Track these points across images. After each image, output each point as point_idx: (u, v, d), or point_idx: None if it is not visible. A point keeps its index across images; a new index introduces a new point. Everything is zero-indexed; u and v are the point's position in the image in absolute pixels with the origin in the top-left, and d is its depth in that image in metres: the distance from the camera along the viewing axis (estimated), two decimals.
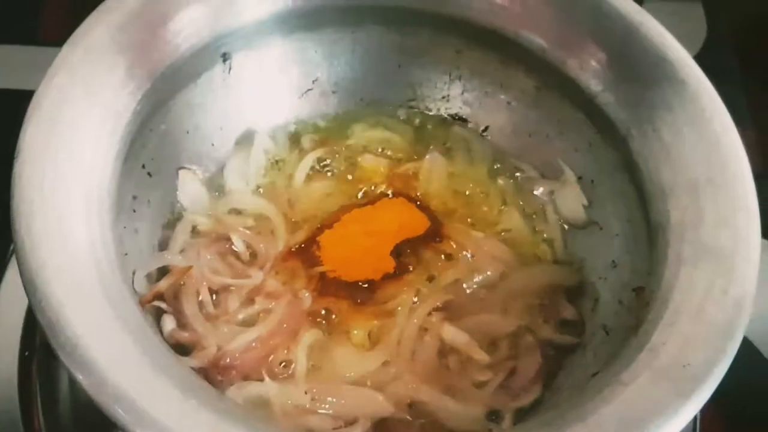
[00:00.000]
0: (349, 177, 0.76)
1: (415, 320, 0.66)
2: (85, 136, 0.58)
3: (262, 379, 0.62)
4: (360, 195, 0.75)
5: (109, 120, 0.60)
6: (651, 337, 0.53)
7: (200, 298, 0.66)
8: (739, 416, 0.81)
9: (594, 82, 0.67)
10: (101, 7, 0.63)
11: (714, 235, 0.56)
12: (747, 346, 0.86)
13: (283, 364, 0.64)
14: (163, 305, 0.65)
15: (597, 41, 0.67)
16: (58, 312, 0.49)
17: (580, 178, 0.73)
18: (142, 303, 0.63)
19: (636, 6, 0.67)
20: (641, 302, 0.58)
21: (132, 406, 0.47)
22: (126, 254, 0.63)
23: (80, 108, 0.59)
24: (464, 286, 0.69)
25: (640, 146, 0.64)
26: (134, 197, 0.66)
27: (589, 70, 0.67)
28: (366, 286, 0.68)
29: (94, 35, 0.61)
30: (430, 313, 0.67)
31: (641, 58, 0.65)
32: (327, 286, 0.68)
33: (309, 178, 0.76)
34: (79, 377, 0.48)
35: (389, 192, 0.75)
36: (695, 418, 0.72)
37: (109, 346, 0.50)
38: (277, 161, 0.77)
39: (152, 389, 0.49)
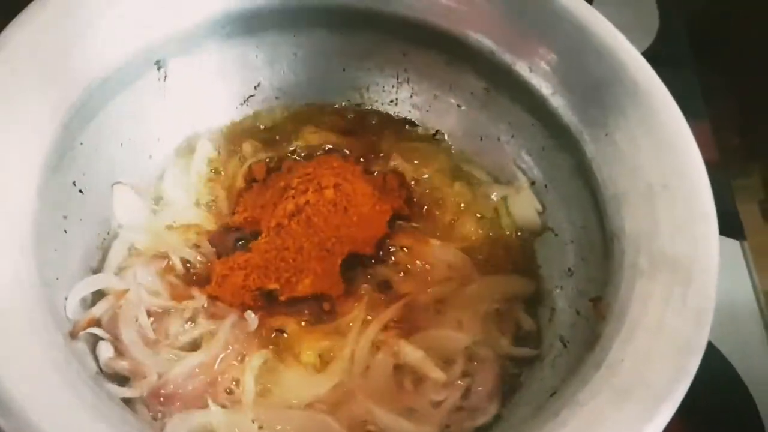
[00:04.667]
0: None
1: (368, 337, 0.63)
2: (3, 152, 0.55)
3: (206, 408, 0.59)
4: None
5: (30, 136, 0.57)
6: (608, 353, 0.51)
7: (138, 322, 0.62)
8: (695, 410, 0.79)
9: (545, 85, 0.65)
10: (17, 20, 0.59)
11: (671, 244, 0.54)
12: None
13: (229, 390, 0.61)
14: (99, 332, 0.61)
15: (547, 42, 0.65)
16: None
17: (533, 183, 0.71)
18: (76, 331, 0.59)
19: (586, 5, 0.65)
20: (598, 315, 0.56)
21: None
22: (57, 279, 0.59)
23: None
24: (419, 298, 0.66)
25: (593, 151, 0.62)
26: (65, 217, 0.62)
27: (540, 72, 0.65)
28: (315, 302, 0.65)
29: (10, 48, 0.57)
30: (383, 329, 0.64)
31: (592, 59, 0.63)
32: (273, 304, 0.65)
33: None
34: (1, 421, 0.45)
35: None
36: None
37: (32, 386, 0.47)
38: (218, 169, 0.73)
39: None
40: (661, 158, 0.58)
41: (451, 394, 0.61)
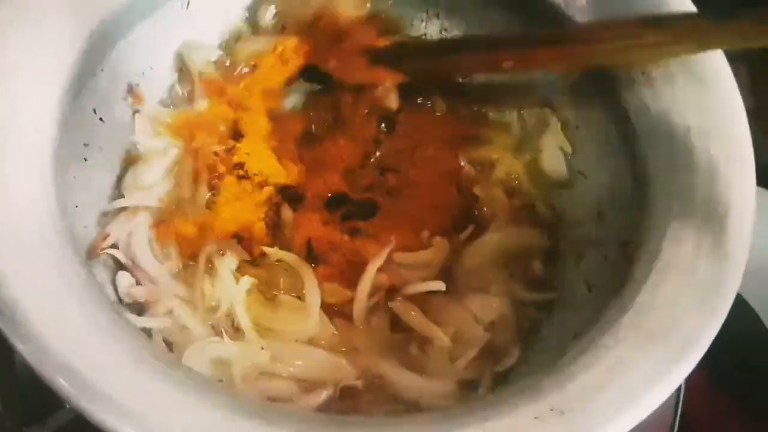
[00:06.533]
0: None
1: (370, 288, 0.61)
2: (25, 79, 0.53)
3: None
4: None
5: (50, 62, 0.55)
6: (636, 297, 0.49)
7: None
8: (720, 368, 0.78)
9: (580, 20, 0.62)
10: None
11: (706, 187, 0.52)
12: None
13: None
14: (116, 252, 0.61)
15: None
16: None
17: (563, 124, 0.69)
18: (92, 251, 0.59)
19: None
20: (627, 259, 0.54)
21: (76, 376, 0.44)
22: (77, 207, 0.58)
23: (18, 50, 0.54)
24: None
25: (628, 90, 0.59)
26: (85, 145, 0.61)
27: (575, 7, 0.62)
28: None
29: None
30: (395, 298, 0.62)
31: None
32: None
33: None
34: (19, 345, 0.44)
35: None
36: None
37: (52, 311, 0.46)
38: None
39: (98, 357, 0.45)
40: (700, 99, 0.56)
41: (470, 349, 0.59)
